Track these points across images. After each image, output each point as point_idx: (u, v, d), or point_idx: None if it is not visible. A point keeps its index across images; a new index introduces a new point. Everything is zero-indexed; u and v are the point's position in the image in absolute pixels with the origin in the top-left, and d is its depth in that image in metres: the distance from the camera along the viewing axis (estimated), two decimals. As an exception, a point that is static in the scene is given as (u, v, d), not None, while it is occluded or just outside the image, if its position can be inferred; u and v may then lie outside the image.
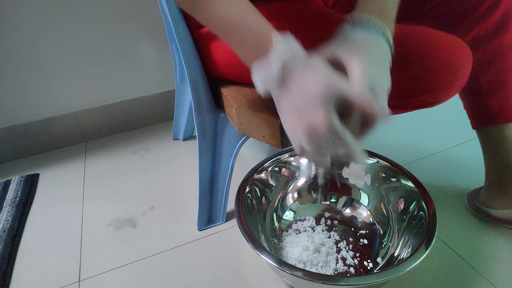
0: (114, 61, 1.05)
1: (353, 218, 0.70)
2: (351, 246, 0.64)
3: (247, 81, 0.54)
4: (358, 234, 0.67)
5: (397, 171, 0.66)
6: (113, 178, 0.94)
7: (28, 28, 0.92)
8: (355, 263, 0.61)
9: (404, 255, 0.55)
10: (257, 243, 0.52)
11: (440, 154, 0.93)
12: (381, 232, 0.66)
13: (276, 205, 0.71)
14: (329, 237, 0.66)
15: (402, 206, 0.63)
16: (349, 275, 0.59)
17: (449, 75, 0.43)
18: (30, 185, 0.93)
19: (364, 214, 0.70)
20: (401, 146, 0.98)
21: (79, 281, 0.66)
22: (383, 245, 0.63)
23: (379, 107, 0.35)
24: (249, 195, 0.64)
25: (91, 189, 0.91)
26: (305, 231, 0.67)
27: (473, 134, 0.69)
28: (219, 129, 0.67)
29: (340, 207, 0.72)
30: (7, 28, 0.90)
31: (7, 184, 0.93)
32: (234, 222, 0.76)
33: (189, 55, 0.59)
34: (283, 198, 0.72)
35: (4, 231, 0.77)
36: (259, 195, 0.67)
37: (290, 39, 0.37)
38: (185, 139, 1.09)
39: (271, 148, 1.01)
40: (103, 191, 0.90)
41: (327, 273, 0.59)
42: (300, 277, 0.47)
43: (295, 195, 0.73)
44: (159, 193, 0.87)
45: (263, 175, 0.69)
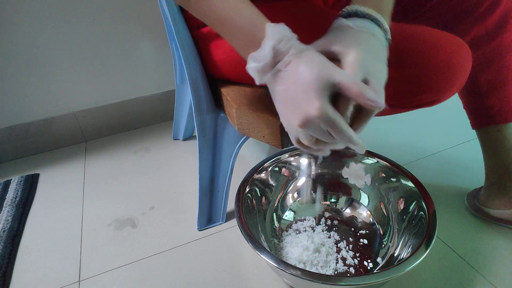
0: (114, 61, 1.05)
1: (353, 218, 0.70)
2: (351, 246, 0.64)
3: (247, 81, 0.54)
4: (358, 234, 0.67)
5: (397, 171, 0.66)
6: (113, 178, 0.94)
7: (28, 28, 0.92)
8: (355, 263, 0.61)
9: (404, 255, 0.55)
10: (257, 243, 0.52)
11: (440, 154, 0.93)
12: (381, 232, 0.66)
13: (276, 205, 0.71)
14: (329, 237, 0.66)
15: (402, 206, 0.63)
16: (349, 275, 0.59)
17: (449, 74, 0.43)
18: (30, 185, 0.93)
19: (364, 214, 0.70)
20: (401, 146, 0.98)
21: (79, 281, 0.66)
22: (383, 245, 0.63)
23: (373, 97, 0.34)
24: (249, 195, 0.64)
25: (91, 189, 0.91)
26: (305, 231, 0.67)
27: (473, 134, 0.69)
28: (219, 129, 0.67)
29: (340, 207, 0.72)
30: (7, 28, 0.90)
31: (7, 184, 0.93)
32: (234, 222, 0.76)
33: (189, 55, 0.59)
34: (283, 198, 0.72)
35: (4, 231, 0.77)
36: (259, 195, 0.67)
37: (283, 27, 0.37)
38: (185, 139, 1.09)
39: (271, 148, 1.01)
40: (103, 191, 0.90)
41: (327, 273, 0.59)
42: (300, 277, 0.47)
43: (295, 195, 0.73)
44: (159, 193, 0.87)
45: (263, 175, 0.69)
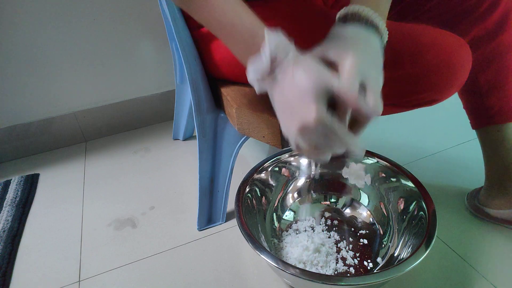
0: (114, 61, 1.05)
1: (353, 218, 0.70)
2: (351, 246, 0.64)
3: (247, 81, 0.54)
4: (358, 234, 0.67)
5: (397, 171, 0.66)
6: (113, 178, 0.94)
7: (28, 28, 0.92)
8: (355, 263, 0.61)
9: (404, 255, 0.55)
10: (257, 243, 0.52)
11: (440, 154, 0.93)
12: (381, 232, 0.66)
13: (276, 205, 0.71)
14: (329, 237, 0.66)
15: (402, 206, 0.63)
16: (349, 275, 0.59)
17: (449, 73, 0.43)
18: (30, 185, 0.93)
19: (364, 214, 0.70)
20: (401, 146, 0.98)
21: (79, 281, 0.66)
22: (383, 245, 0.63)
23: (369, 104, 0.34)
24: (249, 195, 0.64)
25: (91, 189, 0.91)
26: (305, 231, 0.67)
27: (473, 134, 0.69)
28: (219, 129, 0.67)
29: (340, 207, 0.72)
30: (7, 28, 0.90)
31: (7, 184, 0.93)
32: (234, 222, 0.76)
33: (189, 55, 0.59)
34: (283, 198, 0.72)
35: (4, 231, 0.77)
36: (259, 195, 0.67)
37: (280, 34, 0.38)
38: (185, 139, 1.09)
39: (271, 148, 1.01)
40: (103, 191, 0.90)
41: (327, 273, 0.59)
42: (300, 277, 0.47)
43: (295, 195, 0.73)
44: (159, 193, 0.87)
45: (263, 175, 0.69)
